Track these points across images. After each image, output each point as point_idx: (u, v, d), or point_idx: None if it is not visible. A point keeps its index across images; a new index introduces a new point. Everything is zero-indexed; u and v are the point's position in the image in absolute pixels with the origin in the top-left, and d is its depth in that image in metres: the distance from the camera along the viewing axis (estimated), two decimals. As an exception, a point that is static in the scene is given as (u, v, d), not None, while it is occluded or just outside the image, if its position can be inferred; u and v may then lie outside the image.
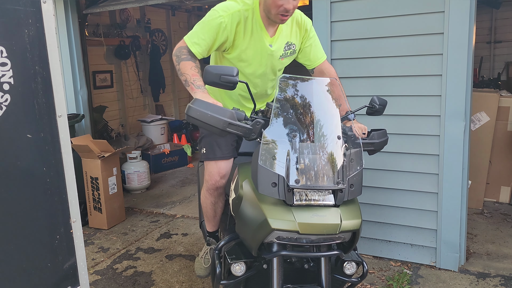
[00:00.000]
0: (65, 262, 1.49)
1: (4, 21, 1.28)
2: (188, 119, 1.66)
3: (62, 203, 1.47)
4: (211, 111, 1.64)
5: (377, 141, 1.92)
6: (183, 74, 1.93)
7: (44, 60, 1.39)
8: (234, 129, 1.66)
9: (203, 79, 1.77)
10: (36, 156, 1.38)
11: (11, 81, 1.30)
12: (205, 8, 7.24)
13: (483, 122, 4.11)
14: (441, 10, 2.84)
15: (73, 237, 1.50)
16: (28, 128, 1.36)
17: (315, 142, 1.64)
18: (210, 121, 1.63)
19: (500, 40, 7.20)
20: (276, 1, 1.88)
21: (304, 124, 1.68)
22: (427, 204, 3.12)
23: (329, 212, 1.58)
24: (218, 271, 1.81)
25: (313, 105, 1.74)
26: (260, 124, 1.69)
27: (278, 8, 1.90)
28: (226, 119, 1.64)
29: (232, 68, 1.74)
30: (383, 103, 2.03)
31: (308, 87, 1.80)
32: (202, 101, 1.66)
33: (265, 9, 1.97)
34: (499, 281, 2.92)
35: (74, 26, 4.74)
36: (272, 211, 1.59)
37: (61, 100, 1.44)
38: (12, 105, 1.30)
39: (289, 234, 1.57)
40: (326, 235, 1.57)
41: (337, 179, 1.59)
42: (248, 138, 1.70)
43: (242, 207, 1.75)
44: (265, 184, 1.58)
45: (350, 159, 1.64)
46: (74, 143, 3.94)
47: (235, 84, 1.75)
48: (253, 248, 1.67)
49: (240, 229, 1.78)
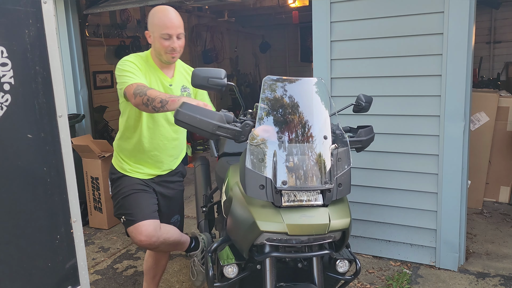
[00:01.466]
0: (66, 262, 1.49)
1: (4, 22, 1.28)
2: (177, 123, 1.64)
3: (63, 203, 1.47)
4: (200, 114, 1.62)
5: (364, 138, 1.91)
6: (155, 98, 1.93)
7: (45, 60, 1.39)
8: (223, 132, 1.65)
9: (191, 82, 1.77)
10: (36, 156, 1.39)
11: (12, 81, 1.30)
12: (205, 8, 7.25)
13: (483, 122, 4.12)
14: (441, 10, 2.85)
15: (73, 237, 1.50)
16: (29, 128, 1.36)
17: (302, 142, 1.64)
18: (199, 125, 1.62)
19: (500, 40, 7.20)
20: (163, 43, 2.15)
21: (291, 125, 1.67)
22: (426, 204, 3.12)
23: (318, 213, 1.58)
24: (211, 274, 1.80)
25: (299, 105, 1.73)
26: (250, 126, 1.68)
27: (166, 48, 2.16)
28: (216, 122, 1.63)
29: (219, 70, 1.74)
30: (369, 101, 2.02)
31: (294, 87, 1.78)
32: (191, 105, 1.64)
33: (156, 54, 2.22)
34: (498, 281, 2.93)
35: (74, 27, 4.75)
36: (261, 213, 1.58)
37: (61, 100, 1.44)
38: (13, 105, 1.31)
39: (279, 235, 1.57)
40: (315, 235, 1.57)
41: (325, 179, 1.58)
42: (238, 141, 1.69)
43: (232, 209, 1.75)
44: (253, 186, 1.58)
45: (338, 158, 1.63)
46: (74, 143, 3.95)
47: (223, 86, 1.73)
48: (244, 250, 1.67)
49: (231, 231, 1.78)
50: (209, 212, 2.81)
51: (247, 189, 1.59)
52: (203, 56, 8.35)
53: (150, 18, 2.21)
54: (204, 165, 3.07)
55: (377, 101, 2.39)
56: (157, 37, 2.16)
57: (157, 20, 2.16)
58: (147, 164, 2.36)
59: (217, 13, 7.82)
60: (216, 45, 8.65)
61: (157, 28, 2.15)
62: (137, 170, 2.36)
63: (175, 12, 2.18)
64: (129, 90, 2.04)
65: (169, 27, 2.14)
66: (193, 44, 8.25)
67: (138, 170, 2.36)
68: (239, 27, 9.29)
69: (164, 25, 2.14)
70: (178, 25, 2.17)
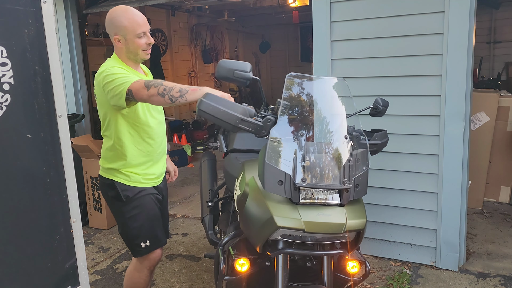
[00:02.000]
0: (65, 262, 1.49)
1: (4, 21, 1.28)
2: (200, 113, 1.64)
3: (62, 203, 1.47)
4: (224, 106, 1.63)
5: (379, 142, 1.93)
6: (173, 87, 1.88)
7: (44, 60, 1.39)
8: (246, 125, 1.65)
9: (215, 74, 1.78)
10: (36, 156, 1.38)
11: (11, 81, 1.30)
12: (205, 8, 7.24)
13: (483, 122, 4.11)
14: (441, 10, 2.84)
15: (73, 237, 1.50)
16: (28, 128, 1.36)
17: (322, 141, 1.65)
18: (222, 117, 1.62)
19: (500, 40, 7.19)
20: (139, 42, 2.13)
21: (311, 123, 1.69)
22: (427, 204, 3.12)
23: (335, 211, 1.59)
24: (222, 267, 1.81)
25: (321, 104, 1.75)
26: (271, 122, 1.69)
27: (143, 46, 2.15)
28: (239, 115, 1.63)
29: (245, 63, 1.75)
30: (386, 105, 2.05)
31: (316, 86, 1.81)
32: (214, 95, 1.64)
33: (130, 54, 2.17)
34: (498, 281, 2.93)
35: (74, 26, 4.75)
36: (278, 208, 1.59)
37: (61, 100, 1.44)
38: (12, 105, 1.30)
39: (295, 232, 1.58)
40: (331, 234, 1.58)
41: (343, 179, 1.60)
42: (258, 135, 1.70)
43: (247, 204, 1.75)
44: (272, 182, 1.59)
45: (357, 159, 1.65)
46: (74, 143, 3.95)
47: (248, 80, 1.74)
48: (258, 245, 1.67)
49: (245, 226, 1.78)
50: (214, 208, 2.81)
51: (266, 184, 1.60)
52: (203, 56, 8.35)
53: (115, 22, 2.13)
54: (211, 160, 3.07)
55: (377, 101, 2.39)
56: (131, 38, 2.12)
57: (127, 21, 2.11)
58: (155, 165, 2.32)
59: (217, 12, 7.82)
60: (216, 44, 8.65)
61: (130, 29, 2.11)
62: (147, 177, 2.28)
63: (137, 10, 2.18)
64: (137, 85, 1.93)
65: (141, 25, 2.13)
66: (193, 44, 8.25)
67: (149, 177, 2.29)
68: (239, 27, 9.29)
69: (137, 24, 2.12)
70: (146, 21, 2.17)
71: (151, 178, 2.30)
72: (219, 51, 8.75)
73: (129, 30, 2.11)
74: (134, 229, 2.23)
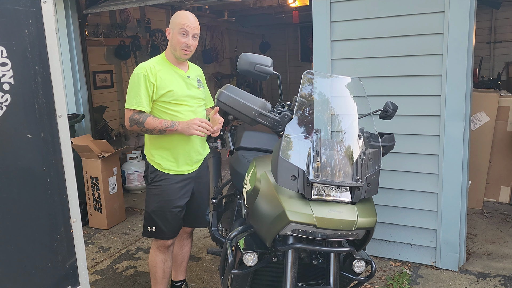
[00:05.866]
0: (65, 262, 1.49)
1: (4, 21, 1.28)
2: (219, 104, 1.66)
3: (62, 203, 1.47)
4: (243, 98, 1.65)
5: (388, 144, 1.96)
6: (154, 128, 2.30)
7: (44, 60, 1.39)
8: (263, 119, 1.68)
9: (236, 66, 1.83)
10: (36, 156, 1.38)
11: (11, 81, 1.30)
12: (205, 8, 7.24)
13: (483, 122, 4.11)
14: (441, 10, 2.84)
15: (73, 237, 1.50)
16: (28, 128, 1.36)
17: (336, 139, 1.68)
18: (242, 109, 1.64)
19: (500, 40, 7.19)
20: (179, 39, 2.38)
21: (325, 121, 1.70)
22: (427, 204, 3.12)
23: (346, 209, 1.60)
24: (231, 260, 1.81)
25: (336, 103, 1.78)
26: (288, 117, 1.73)
27: (181, 44, 2.38)
28: (258, 108, 1.65)
29: (267, 58, 1.77)
30: (396, 108, 2.07)
31: (333, 84, 1.84)
32: (234, 88, 1.67)
33: (172, 50, 2.44)
34: (499, 281, 2.93)
35: (74, 26, 4.74)
36: (290, 203, 1.61)
37: (61, 100, 1.44)
38: (12, 105, 1.30)
39: (306, 227, 1.59)
40: (341, 230, 1.59)
41: (356, 177, 1.61)
42: (275, 130, 1.72)
43: (259, 199, 1.76)
44: (285, 176, 1.60)
45: (369, 158, 1.66)
46: (74, 143, 3.95)
47: (269, 74, 1.75)
48: (268, 239, 1.68)
49: (255, 220, 1.79)
50: (218, 204, 2.82)
51: (279, 179, 1.61)
52: (203, 55, 8.34)
53: (172, 18, 2.45)
54: (216, 158, 3.08)
55: (377, 101, 2.39)
56: (175, 33, 2.39)
57: (178, 19, 2.40)
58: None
59: (217, 12, 7.81)
60: (216, 44, 8.64)
61: (177, 25, 2.39)
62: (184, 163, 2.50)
63: (194, 16, 2.45)
64: (127, 115, 2.35)
65: (187, 25, 2.38)
66: (193, 44, 8.23)
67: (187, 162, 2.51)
68: (239, 27, 9.28)
69: (183, 23, 2.38)
70: (196, 27, 2.42)
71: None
72: (219, 51, 8.74)
73: (175, 26, 2.39)
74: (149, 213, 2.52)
